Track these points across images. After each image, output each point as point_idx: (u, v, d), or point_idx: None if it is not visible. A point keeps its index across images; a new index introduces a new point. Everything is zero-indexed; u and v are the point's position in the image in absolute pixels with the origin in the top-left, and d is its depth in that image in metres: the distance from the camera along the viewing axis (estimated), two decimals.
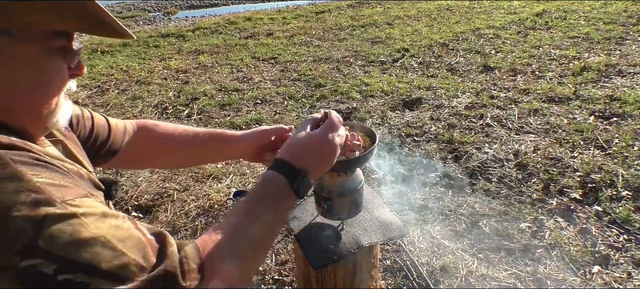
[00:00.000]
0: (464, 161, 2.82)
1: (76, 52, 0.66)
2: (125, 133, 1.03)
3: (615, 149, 2.80)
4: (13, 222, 0.47)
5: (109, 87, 4.72)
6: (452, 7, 7.92)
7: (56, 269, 0.48)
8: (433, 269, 1.98)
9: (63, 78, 0.65)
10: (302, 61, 5.30)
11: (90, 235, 0.51)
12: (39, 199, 0.50)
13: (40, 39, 0.60)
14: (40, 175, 0.52)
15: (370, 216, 1.34)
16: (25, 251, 0.47)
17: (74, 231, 0.50)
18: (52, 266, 0.47)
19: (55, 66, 0.63)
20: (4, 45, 0.57)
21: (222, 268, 0.56)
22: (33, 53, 0.60)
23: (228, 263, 0.62)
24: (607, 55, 4.53)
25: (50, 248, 0.48)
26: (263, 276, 2.01)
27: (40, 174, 0.52)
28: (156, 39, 6.75)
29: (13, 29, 0.57)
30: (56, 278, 0.47)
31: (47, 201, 0.50)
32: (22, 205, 0.48)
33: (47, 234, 0.48)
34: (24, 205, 0.48)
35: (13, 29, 0.57)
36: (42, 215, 0.49)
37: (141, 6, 10.28)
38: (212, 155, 1.17)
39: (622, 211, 2.23)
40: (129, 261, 0.52)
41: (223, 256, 0.62)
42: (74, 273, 0.48)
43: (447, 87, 4.09)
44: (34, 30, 0.59)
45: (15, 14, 0.56)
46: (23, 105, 0.61)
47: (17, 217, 0.47)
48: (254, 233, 0.67)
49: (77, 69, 0.67)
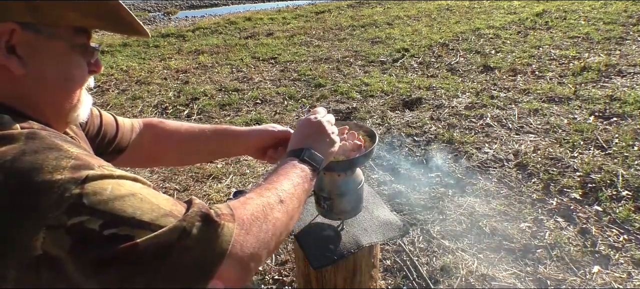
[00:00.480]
0: (464, 161, 2.82)
1: (95, 49, 0.70)
2: (132, 131, 1.05)
3: (615, 149, 2.80)
4: (58, 184, 0.50)
5: (109, 87, 4.72)
6: (452, 7, 7.92)
7: (102, 224, 0.51)
8: (433, 269, 1.98)
9: (83, 74, 0.69)
10: (302, 61, 5.30)
11: (128, 191, 0.55)
12: (79, 164, 0.53)
13: (65, 35, 0.64)
14: (74, 147, 0.57)
15: (370, 216, 1.34)
16: (71, 209, 0.50)
17: (114, 188, 0.54)
18: (97, 222, 0.50)
19: (77, 62, 0.67)
20: (31, 41, 0.60)
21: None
22: (58, 48, 0.63)
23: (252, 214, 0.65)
24: (607, 55, 4.53)
25: (95, 205, 0.51)
26: (263, 276, 2.01)
27: (73, 146, 0.57)
28: (156, 39, 6.74)
29: (40, 25, 0.60)
30: (102, 233, 0.50)
31: (86, 165, 0.54)
32: (64, 169, 0.52)
33: (91, 192, 0.51)
34: (66, 169, 0.52)
35: (40, 25, 0.60)
36: (84, 176, 0.52)
37: (141, 6, 10.28)
38: (217, 151, 1.19)
39: (622, 211, 2.23)
40: (165, 212, 0.56)
41: (248, 205, 0.66)
42: (119, 227, 0.51)
43: (447, 87, 4.09)
44: (59, 26, 0.62)
45: (41, 11, 0.59)
46: (46, 98, 0.65)
47: (62, 179, 0.50)
48: (271, 198, 0.71)
49: (96, 66, 0.72)
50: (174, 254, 0.53)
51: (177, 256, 0.54)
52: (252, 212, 0.65)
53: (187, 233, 0.55)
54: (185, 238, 0.54)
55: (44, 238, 0.48)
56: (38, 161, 0.51)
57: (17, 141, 0.53)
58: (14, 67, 0.59)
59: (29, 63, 0.61)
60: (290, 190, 0.75)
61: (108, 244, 0.50)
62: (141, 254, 0.51)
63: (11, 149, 0.52)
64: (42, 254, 0.49)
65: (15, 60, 0.59)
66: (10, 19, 0.58)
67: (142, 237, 0.52)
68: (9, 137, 0.53)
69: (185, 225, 0.55)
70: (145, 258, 0.52)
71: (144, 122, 1.09)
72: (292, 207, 0.74)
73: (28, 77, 0.61)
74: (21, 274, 0.49)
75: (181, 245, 0.54)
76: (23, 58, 0.60)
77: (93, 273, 0.50)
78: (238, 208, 0.64)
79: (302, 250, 1.25)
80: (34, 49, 0.61)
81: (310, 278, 1.32)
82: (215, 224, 0.58)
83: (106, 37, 6.85)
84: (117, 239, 0.51)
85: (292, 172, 0.81)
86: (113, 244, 0.51)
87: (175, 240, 0.54)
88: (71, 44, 0.65)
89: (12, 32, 0.58)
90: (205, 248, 0.56)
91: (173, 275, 0.53)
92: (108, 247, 0.50)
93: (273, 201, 0.70)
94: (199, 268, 0.55)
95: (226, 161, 3.00)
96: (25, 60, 0.60)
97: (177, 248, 0.54)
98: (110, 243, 0.51)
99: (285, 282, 1.98)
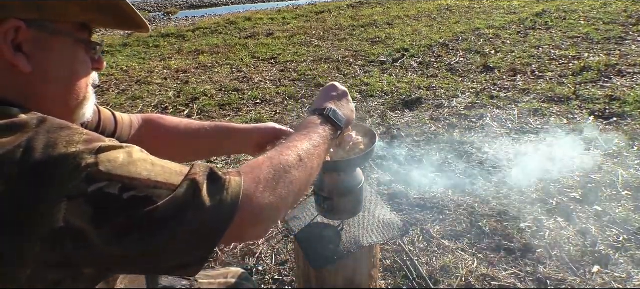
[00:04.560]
0: (464, 161, 2.82)
1: (98, 45, 0.70)
2: (131, 127, 1.04)
3: (615, 149, 2.80)
4: (74, 155, 0.52)
5: (109, 87, 4.72)
6: (452, 7, 7.91)
7: (121, 188, 0.53)
8: (433, 269, 1.98)
9: (87, 70, 0.70)
10: (302, 61, 5.30)
11: (139, 158, 0.58)
12: (91, 138, 0.56)
13: (68, 31, 0.64)
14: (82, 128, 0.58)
15: (370, 216, 1.34)
16: (89, 177, 0.51)
17: (126, 155, 0.56)
18: (117, 186, 0.53)
19: (81, 58, 0.67)
20: (36, 38, 0.61)
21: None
22: (63, 45, 0.64)
23: (269, 167, 0.68)
24: (607, 55, 4.53)
25: (111, 170, 0.53)
26: (263, 276, 2.01)
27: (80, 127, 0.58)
28: (156, 39, 6.74)
29: (44, 21, 0.61)
30: (122, 196, 0.53)
31: (97, 138, 0.57)
32: (78, 143, 0.54)
33: (105, 159, 0.53)
34: (80, 142, 0.54)
35: (44, 21, 0.61)
36: (97, 147, 0.54)
37: (141, 6, 10.27)
38: (218, 147, 1.18)
39: (622, 211, 2.23)
40: (175, 171, 0.59)
41: (266, 161, 0.69)
42: (137, 189, 0.54)
43: (447, 87, 4.09)
44: (62, 21, 0.63)
45: (45, 6, 0.60)
46: (53, 95, 0.65)
47: (77, 151, 0.52)
48: (291, 157, 0.73)
49: (98, 63, 0.73)
50: (189, 214, 0.56)
51: (193, 216, 0.56)
52: (272, 171, 0.67)
53: (199, 189, 0.57)
54: (199, 196, 0.57)
55: (66, 209, 0.50)
56: (52, 139, 0.53)
57: (29, 126, 0.54)
58: (22, 65, 0.59)
59: (35, 60, 0.61)
60: (310, 150, 0.77)
61: (129, 208, 0.53)
62: (161, 217, 0.54)
63: (25, 133, 0.53)
64: (64, 226, 0.50)
65: (22, 58, 0.59)
66: (14, 16, 0.58)
67: (160, 197, 0.55)
68: (21, 124, 0.54)
69: (197, 180, 0.58)
70: (165, 220, 0.54)
71: (143, 118, 1.09)
72: (311, 165, 0.76)
73: (35, 74, 0.61)
74: (46, 249, 0.50)
75: (196, 204, 0.56)
76: (29, 55, 0.60)
77: (117, 239, 0.52)
78: (254, 163, 0.67)
79: (302, 250, 1.25)
80: (39, 46, 0.61)
81: (310, 278, 1.32)
82: (222, 180, 0.60)
83: (106, 37, 6.85)
84: (137, 201, 0.53)
85: (314, 132, 0.83)
86: (134, 207, 0.53)
87: (191, 199, 0.56)
88: (75, 40, 0.65)
89: (17, 29, 0.58)
90: (216, 204, 0.58)
91: (189, 237, 0.56)
92: (130, 211, 0.53)
93: (292, 160, 0.71)
94: (213, 223, 0.58)
95: (226, 161, 3.01)
96: (31, 58, 0.60)
97: (192, 206, 0.56)
98: (131, 206, 0.53)
99: (285, 282, 1.98)
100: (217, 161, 2.99)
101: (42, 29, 0.61)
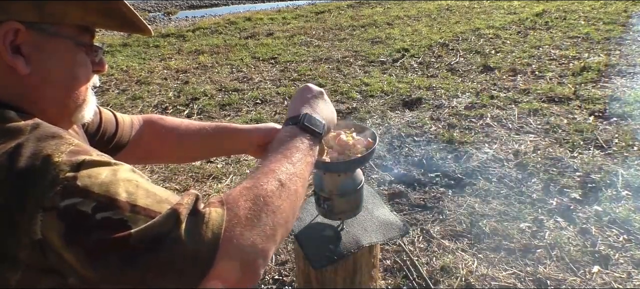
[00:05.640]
0: (464, 161, 2.82)
1: (99, 48, 0.70)
2: (132, 127, 1.04)
3: (615, 149, 2.80)
4: (54, 165, 0.50)
5: (109, 87, 4.72)
6: (452, 7, 7.91)
7: (95, 206, 0.50)
8: (433, 269, 1.98)
9: (88, 72, 0.69)
10: (302, 61, 5.30)
11: (124, 177, 0.54)
12: (78, 150, 0.54)
13: (69, 34, 0.64)
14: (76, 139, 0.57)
15: (370, 216, 1.34)
16: (65, 191, 0.49)
17: (110, 173, 0.53)
18: (90, 205, 0.49)
19: (81, 60, 0.67)
20: (36, 40, 0.60)
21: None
22: (63, 47, 0.64)
23: (247, 201, 0.59)
24: (607, 55, 4.53)
25: (88, 186, 0.50)
26: (263, 276, 2.01)
27: (74, 138, 0.57)
28: (156, 39, 6.74)
29: (44, 23, 0.60)
30: (95, 216, 0.49)
31: (84, 151, 0.54)
32: (62, 153, 0.52)
33: (85, 175, 0.51)
34: (64, 153, 0.52)
35: (44, 23, 0.60)
36: (80, 160, 0.52)
37: (141, 6, 10.27)
38: (218, 147, 1.17)
39: (622, 211, 2.23)
40: (161, 199, 0.55)
41: (243, 194, 0.60)
42: (113, 210, 0.50)
43: (447, 87, 4.09)
44: (62, 24, 0.62)
45: (46, 9, 0.59)
46: (52, 97, 0.65)
47: (58, 161, 0.51)
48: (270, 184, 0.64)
49: (100, 65, 0.72)
50: (165, 247, 0.50)
51: (169, 250, 0.50)
52: (250, 205, 0.59)
53: (180, 221, 0.52)
54: (177, 229, 0.52)
55: (42, 221, 0.48)
56: (39, 147, 0.52)
57: (23, 132, 0.54)
58: (20, 67, 0.59)
59: (34, 62, 0.61)
60: (290, 170, 0.68)
61: (100, 230, 0.49)
62: (134, 246, 0.49)
63: (17, 138, 0.53)
64: (42, 239, 0.48)
65: (21, 60, 0.59)
66: (14, 18, 0.58)
67: (136, 223, 0.50)
68: (16, 129, 0.54)
69: (179, 212, 0.53)
70: (138, 250, 0.49)
71: (143, 118, 1.09)
72: (295, 188, 0.67)
73: (33, 76, 0.61)
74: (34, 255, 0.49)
75: (172, 237, 0.51)
76: (28, 57, 0.60)
77: (88, 261, 0.49)
78: (231, 199, 0.59)
79: (302, 250, 1.25)
80: (39, 48, 0.61)
81: (310, 278, 1.32)
82: (201, 214, 0.54)
83: (106, 38, 6.85)
84: (110, 224, 0.49)
85: (292, 147, 0.73)
86: (106, 229, 0.49)
87: (168, 231, 0.51)
88: (75, 43, 0.65)
89: (16, 31, 0.58)
90: (195, 240, 0.52)
91: (165, 271, 0.50)
92: (101, 233, 0.49)
93: (272, 188, 0.63)
94: (191, 263, 0.52)
95: (226, 161, 3.01)
96: (30, 60, 0.60)
97: (169, 240, 0.51)
98: (102, 227, 0.49)
99: (285, 282, 1.98)
100: (217, 161, 2.99)
101: (42, 32, 0.60)
